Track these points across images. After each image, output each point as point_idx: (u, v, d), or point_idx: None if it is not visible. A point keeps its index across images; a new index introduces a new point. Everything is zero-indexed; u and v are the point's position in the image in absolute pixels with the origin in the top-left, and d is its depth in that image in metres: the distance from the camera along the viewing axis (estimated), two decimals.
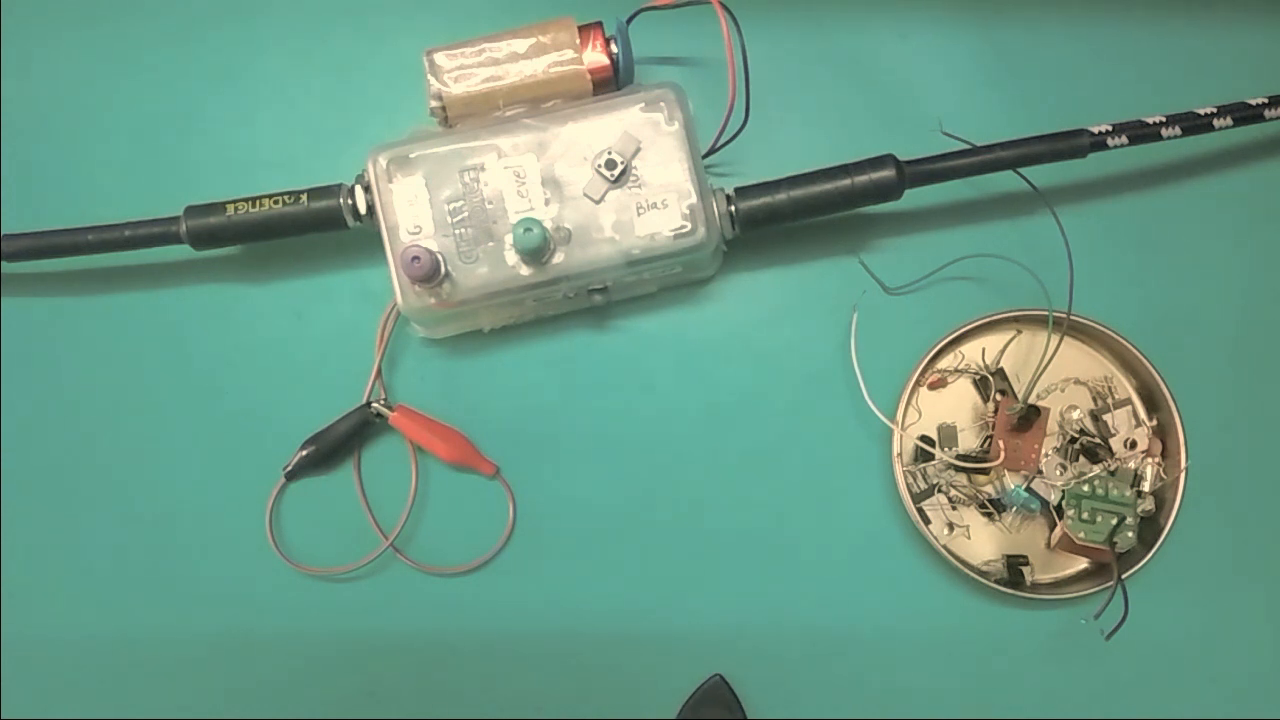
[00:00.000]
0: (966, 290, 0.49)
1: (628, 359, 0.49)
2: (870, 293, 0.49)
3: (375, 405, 0.48)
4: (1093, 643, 0.47)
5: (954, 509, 0.47)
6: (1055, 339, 0.45)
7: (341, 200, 0.45)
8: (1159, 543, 0.45)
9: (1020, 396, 0.46)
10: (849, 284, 0.49)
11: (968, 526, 0.47)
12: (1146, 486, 0.46)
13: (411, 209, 0.44)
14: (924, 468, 0.47)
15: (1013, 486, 0.47)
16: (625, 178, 0.44)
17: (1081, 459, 0.47)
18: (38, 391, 0.50)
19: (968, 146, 0.46)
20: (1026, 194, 0.48)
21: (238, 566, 0.48)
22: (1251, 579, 0.48)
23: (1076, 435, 0.47)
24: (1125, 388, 0.48)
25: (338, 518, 0.48)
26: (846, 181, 0.45)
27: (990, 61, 0.51)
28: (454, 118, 0.46)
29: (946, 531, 0.47)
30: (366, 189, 0.45)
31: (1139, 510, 0.45)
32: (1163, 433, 0.47)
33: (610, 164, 0.44)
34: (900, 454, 0.47)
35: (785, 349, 0.49)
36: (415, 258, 0.42)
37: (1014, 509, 0.47)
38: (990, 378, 0.47)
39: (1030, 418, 0.46)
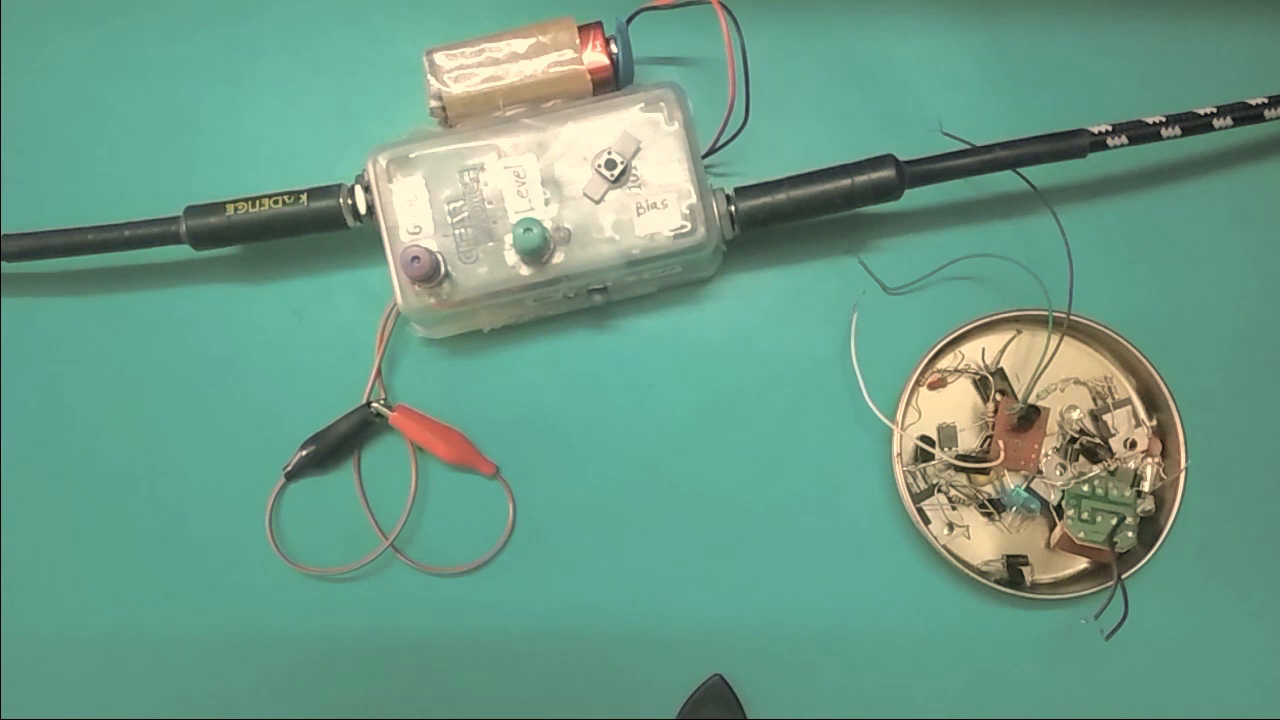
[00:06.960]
0: (966, 290, 0.49)
1: (628, 359, 0.49)
2: (870, 293, 0.49)
3: (375, 405, 0.48)
4: (1093, 643, 0.47)
5: (954, 509, 0.47)
6: (1055, 339, 0.45)
7: (341, 200, 0.45)
8: (1159, 543, 0.45)
9: (1020, 396, 0.46)
10: (849, 284, 0.49)
11: (968, 526, 0.47)
12: (1146, 486, 0.46)
13: (411, 209, 0.44)
14: (924, 468, 0.47)
15: (1013, 486, 0.47)
16: (625, 178, 0.44)
17: (1081, 459, 0.47)
18: (38, 391, 0.50)
19: (968, 146, 0.46)
20: (1026, 194, 0.48)
21: (238, 566, 0.48)
22: (1251, 579, 0.48)
23: (1076, 435, 0.47)
24: (1125, 388, 0.48)
25: (338, 518, 0.48)
26: (846, 181, 0.45)
27: (990, 61, 0.51)
28: (454, 118, 0.46)
29: (946, 531, 0.47)
30: (366, 189, 0.45)
31: (1139, 510, 0.45)
32: (1163, 433, 0.47)
33: (610, 164, 0.44)
34: (900, 454, 0.47)
35: (785, 349, 0.49)
36: (415, 258, 0.42)
37: (1014, 509, 0.47)
38: (990, 378, 0.47)
39: (1030, 418, 0.46)
